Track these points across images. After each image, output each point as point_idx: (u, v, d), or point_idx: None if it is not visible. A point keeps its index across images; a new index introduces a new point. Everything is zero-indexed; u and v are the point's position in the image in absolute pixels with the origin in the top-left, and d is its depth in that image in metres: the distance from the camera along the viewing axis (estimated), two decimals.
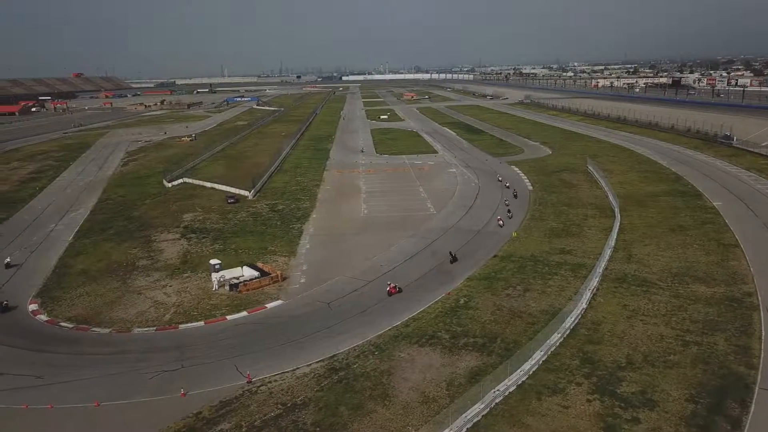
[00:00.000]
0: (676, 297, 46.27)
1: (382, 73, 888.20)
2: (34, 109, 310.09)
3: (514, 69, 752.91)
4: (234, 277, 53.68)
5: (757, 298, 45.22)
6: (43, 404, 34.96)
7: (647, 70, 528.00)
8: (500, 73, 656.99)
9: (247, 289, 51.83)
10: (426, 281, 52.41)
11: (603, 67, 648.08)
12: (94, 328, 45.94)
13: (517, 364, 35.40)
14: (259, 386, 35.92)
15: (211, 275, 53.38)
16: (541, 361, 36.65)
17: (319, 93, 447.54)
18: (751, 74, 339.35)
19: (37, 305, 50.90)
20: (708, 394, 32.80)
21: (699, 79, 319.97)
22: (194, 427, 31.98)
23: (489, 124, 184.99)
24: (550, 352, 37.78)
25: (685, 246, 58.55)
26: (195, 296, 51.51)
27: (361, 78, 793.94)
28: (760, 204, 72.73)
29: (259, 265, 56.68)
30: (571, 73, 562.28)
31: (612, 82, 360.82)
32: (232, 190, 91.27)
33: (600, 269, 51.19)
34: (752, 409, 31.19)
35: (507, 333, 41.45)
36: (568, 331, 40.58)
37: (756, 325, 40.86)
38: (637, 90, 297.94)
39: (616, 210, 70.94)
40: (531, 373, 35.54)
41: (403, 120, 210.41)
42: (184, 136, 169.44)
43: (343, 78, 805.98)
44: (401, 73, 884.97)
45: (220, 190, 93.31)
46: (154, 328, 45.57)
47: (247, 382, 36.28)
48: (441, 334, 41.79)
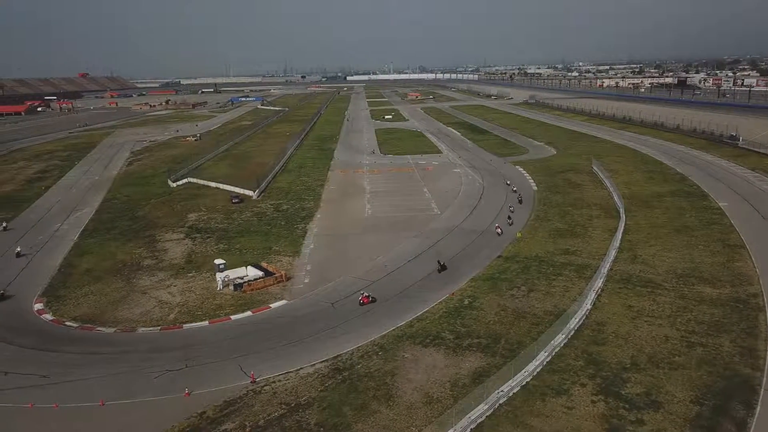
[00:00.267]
0: (681, 298, 46.10)
1: (387, 73, 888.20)
2: (40, 109, 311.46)
3: (519, 69, 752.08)
4: (238, 277, 53.77)
5: (763, 300, 45.02)
6: (49, 403, 35.06)
7: (653, 70, 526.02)
8: (505, 73, 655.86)
9: (252, 289, 51.90)
10: (429, 281, 52.36)
11: (608, 67, 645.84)
12: (99, 328, 46.09)
13: (521, 365, 35.34)
14: (263, 386, 35.96)
15: (215, 275, 53.48)
16: (545, 362, 36.56)
17: (324, 93, 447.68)
18: (758, 74, 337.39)
19: (43, 304, 51.09)
20: (713, 395, 32.66)
21: (705, 79, 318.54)
22: (198, 427, 32.04)
23: (493, 124, 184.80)
24: (554, 353, 37.68)
25: (690, 247, 58.34)
26: (199, 296, 51.62)
27: (365, 78, 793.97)
28: (766, 205, 72.39)
29: (264, 265, 56.76)
30: (576, 73, 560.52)
31: (617, 82, 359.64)
32: (237, 190, 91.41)
33: (605, 270, 51.08)
34: (758, 411, 31.03)
35: (511, 334, 41.38)
36: (573, 332, 40.49)
37: (761, 327, 40.67)
38: (643, 90, 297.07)
39: (621, 210, 70.77)
40: (535, 374, 35.46)
41: (408, 120, 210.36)
42: (188, 136, 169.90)
43: (348, 78, 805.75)
44: (406, 73, 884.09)
45: (225, 190, 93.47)
46: (159, 328, 45.67)
47: (251, 382, 36.32)
48: (445, 334, 41.75)
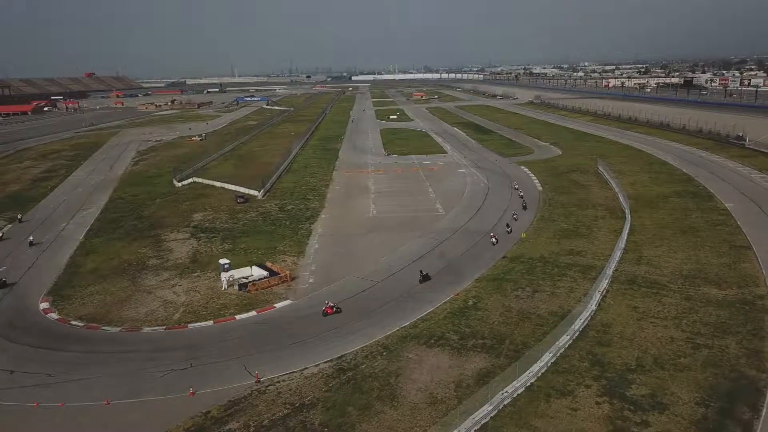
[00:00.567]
0: (687, 299, 45.89)
1: (392, 73, 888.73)
2: (46, 109, 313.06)
3: (524, 69, 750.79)
4: (243, 277, 53.86)
5: None
6: (54, 402, 35.22)
7: (659, 70, 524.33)
8: (510, 73, 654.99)
9: (256, 289, 51.97)
10: (433, 282, 52.30)
11: (614, 67, 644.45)
12: (104, 327, 46.23)
13: (526, 366, 35.26)
14: (268, 386, 36.01)
15: (220, 275, 53.57)
16: (549, 363, 36.47)
17: (329, 93, 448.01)
18: (765, 74, 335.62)
19: (48, 303, 51.33)
20: (719, 397, 32.49)
21: (711, 79, 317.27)
22: (203, 426, 32.12)
23: (499, 124, 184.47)
24: (559, 354, 37.59)
25: (696, 248, 58.07)
26: (204, 296, 51.73)
27: (370, 78, 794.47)
28: None
29: (268, 264, 56.83)
30: (581, 73, 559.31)
31: (623, 82, 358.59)
32: (242, 190, 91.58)
33: (610, 271, 50.88)
34: (763, 413, 30.81)
35: (516, 334, 41.30)
36: (578, 332, 40.36)
37: None
38: (649, 90, 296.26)
39: (627, 211, 70.52)
40: (540, 374, 35.38)
41: (413, 120, 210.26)
42: (194, 136, 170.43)
43: (353, 78, 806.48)
44: (411, 73, 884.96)
45: (230, 190, 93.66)
46: (164, 327, 45.79)
47: (256, 382, 36.38)
48: (449, 335, 41.71)
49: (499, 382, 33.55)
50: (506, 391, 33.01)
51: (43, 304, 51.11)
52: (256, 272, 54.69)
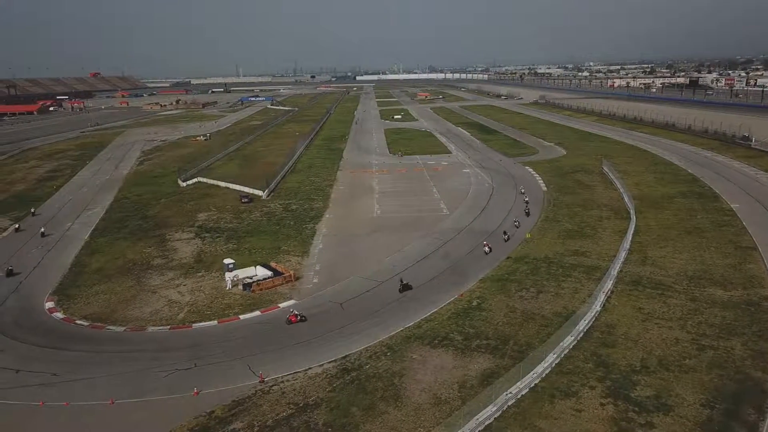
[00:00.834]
0: (692, 300, 45.72)
1: (396, 73, 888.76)
2: (52, 109, 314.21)
3: (529, 69, 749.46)
4: (247, 277, 53.94)
5: None
6: (59, 401, 35.35)
7: (664, 70, 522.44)
8: (515, 73, 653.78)
9: (261, 289, 52.04)
10: (438, 283, 52.28)
11: (619, 67, 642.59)
12: (109, 326, 46.37)
13: (530, 367, 35.19)
14: (272, 386, 36.05)
15: (224, 274, 53.68)
16: (554, 364, 36.39)
17: (333, 93, 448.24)
18: None
19: (54, 303, 51.53)
20: (724, 399, 32.36)
21: (717, 79, 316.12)
22: (207, 426, 32.17)
23: (503, 124, 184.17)
24: (563, 355, 37.50)
25: (701, 248, 57.84)
26: (208, 295, 51.83)
27: (375, 78, 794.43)
28: None
29: (273, 264, 56.90)
30: (586, 73, 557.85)
31: (628, 82, 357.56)
32: (246, 190, 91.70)
33: (614, 271, 50.72)
34: None
35: (520, 335, 41.22)
36: (582, 333, 40.26)
37: None
38: (654, 90, 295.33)
39: (632, 211, 70.32)
40: (544, 375, 35.29)
41: (417, 120, 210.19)
42: (198, 136, 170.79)
43: (358, 78, 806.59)
44: (415, 73, 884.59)
45: (234, 190, 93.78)
46: (168, 327, 45.90)
47: (260, 382, 36.43)
48: (453, 335, 41.67)
49: (503, 383, 33.49)
50: (510, 392, 32.96)
51: (49, 303, 51.33)
52: (261, 272, 54.77)
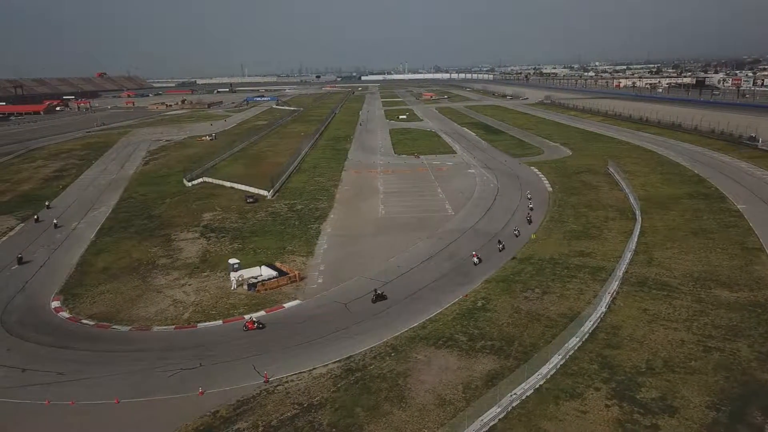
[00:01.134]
0: (698, 302, 45.51)
1: (401, 73, 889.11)
2: (58, 108, 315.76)
3: (535, 69, 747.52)
4: (252, 277, 54.04)
5: None
6: (65, 400, 35.50)
7: (670, 70, 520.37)
8: (520, 73, 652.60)
9: (265, 289, 52.13)
10: (443, 283, 52.24)
11: (625, 67, 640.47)
12: (115, 326, 46.56)
13: (535, 368, 35.14)
14: (276, 386, 36.10)
15: (229, 274, 53.78)
16: (559, 365, 36.31)
17: (338, 93, 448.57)
18: None
19: (60, 302, 51.76)
20: (730, 401, 32.21)
21: (724, 79, 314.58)
22: (212, 426, 32.25)
23: (508, 124, 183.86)
24: (568, 356, 37.41)
25: (707, 250, 57.59)
26: (213, 295, 51.96)
27: (380, 78, 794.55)
28: None
29: (277, 264, 56.99)
30: (592, 73, 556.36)
31: (634, 82, 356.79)
32: (251, 190, 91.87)
33: (620, 272, 50.56)
34: None
35: (525, 336, 41.13)
36: (587, 335, 40.14)
37: None
38: (660, 90, 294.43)
39: (637, 212, 70.07)
40: (549, 377, 35.22)
41: (422, 120, 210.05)
42: (204, 135, 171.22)
43: (363, 78, 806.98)
44: (420, 73, 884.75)
45: (240, 190, 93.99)
46: (173, 327, 46.04)
47: (265, 382, 36.48)
48: (458, 336, 41.63)
49: (507, 384, 33.44)
50: (515, 393, 32.92)
51: (55, 303, 51.56)
52: (266, 272, 54.86)
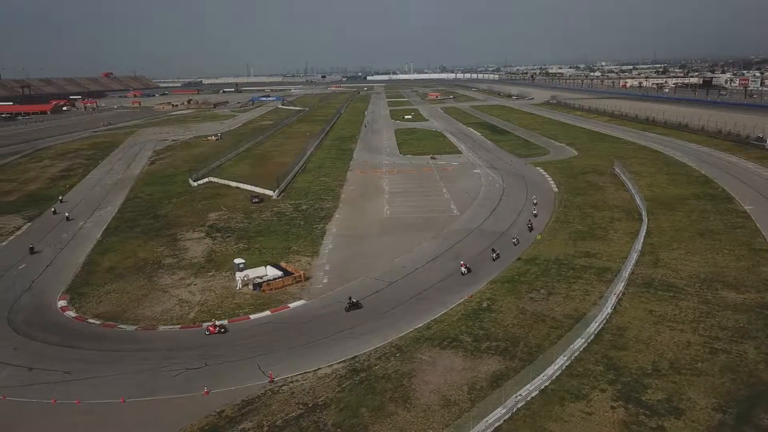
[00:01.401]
0: (705, 303, 45.29)
1: (407, 73, 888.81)
2: (65, 108, 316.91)
3: (541, 69, 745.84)
4: (257, 277, 54.13)
5: None
6: (71, 399, 35.66)
7: (677, 70, 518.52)
8: (526, 73, 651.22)
9: (271, 289, 52.21)
10: (449, 284, 52.16)
11: (632, 67, 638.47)
12: (121, 325, 46.73)
13: (540, 369, 35.04)
14: (281, 386, 36.14)
15: (235, 274, 53.91)
16: (564, 367, 36.20)
17: (344, 93, 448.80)
18: None
19: (66, 301, 52.00)
20: (737, 403, 32.03)
21: (731, 79, 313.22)
22: (217, 426, 32.31)
23: (514, 124, 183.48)
24: (573, 358, 37.29)
25: (714, 251, 57.29)
26: (219, 295, 52.08)
27: (386, 78, 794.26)
28: None
29: (283, 264, 57.06)
30: (598, 73, 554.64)
31: (641, 82, 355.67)
32: (257, 190, 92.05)
33: (626, 273, 50.35)
34: None
35: (530, 337, 41.03)
36: (593, 336, 40.01)
37: None
38: (667, 90, 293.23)
39: (644, 213, 69.79)
40: (554, 378, 35.13)
41: (428, 120, 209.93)
42: (210, 135, 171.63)
43: (368, 78, 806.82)
44: (426, 73, 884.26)
45: (245, 190, 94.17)
46: (179, 326, 46.18)
47: (269, 382, 36.54)
48: (463, 337, 41.57)
49: (512, 385, 33.36)
50: (520, 394, 32.84)
51: (61, 302, 51.81)
52: (271, 272, 54.95)
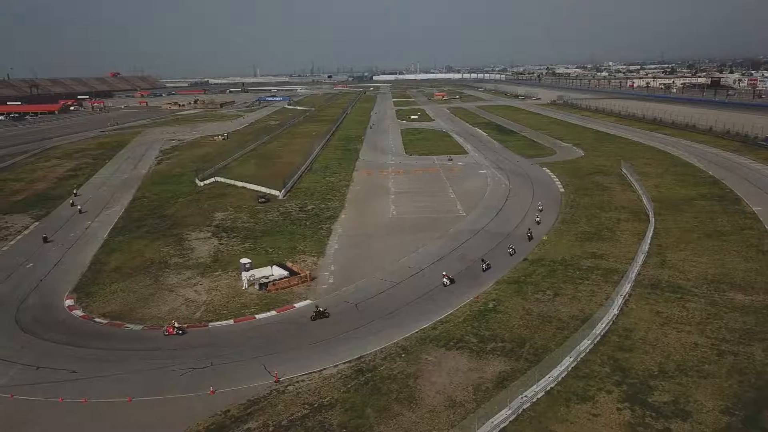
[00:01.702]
0: (712, 305, 45.04)
1: (413, 73, 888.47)
2: (73, 108, 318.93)
3: (547, 69, 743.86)
4: (263, 277, 54.21)
5: None
6: (78, 398, 35.84)
7: (685, 70, 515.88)
8: (532, 73, 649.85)
9: (276, 289, 52.28)
10: (454, 284, 52.04)
11: (639, 67, 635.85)
12: (127, 325, 46.92)
13: (546, 370, 34.95)
14: (287, 386, 36.20)
15: (241, 274, 54.03)
16: (570, 368, 36.09)
17: (350, 93, 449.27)
18: None
19: (73, 301, 52.25)
20: (744, 406, 31.84)
21: (739, 80, 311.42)
22: (222, 425, 32.40)
23: (520, 124, 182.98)
24: (579, 359, 37.17)
25: (722, 252, 56.96)
26: (225, 295, 52.20)
27: (392, 78, 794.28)
28: None
29: (289, 264, 57.13)
30: (605, 73, 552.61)
31: (648, 83, 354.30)
32: (263, 190, 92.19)
33: (633, 274, 50.17)
34: None
35: (536, 338, 40.93)
36: (599, 337, 39.87)
37: None
38: (674, 90, 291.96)
39: (651, 214, 69.47)
40: (560, 379, 35.02)
41: (434, 120, 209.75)
42: (216, 135, 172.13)
43: (374, 78, 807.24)
44: (432, 73, 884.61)
45: (251, 190, 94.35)
46: (185, 326, 46.22)
47: (275, 382, 36.60)
48: (469, 337, 41.50)
49: (518, 386, 33.30)
50: (526, 396, 32.77)
51: (68, 302, 52.06)
52: (277, 272, 55.01)
